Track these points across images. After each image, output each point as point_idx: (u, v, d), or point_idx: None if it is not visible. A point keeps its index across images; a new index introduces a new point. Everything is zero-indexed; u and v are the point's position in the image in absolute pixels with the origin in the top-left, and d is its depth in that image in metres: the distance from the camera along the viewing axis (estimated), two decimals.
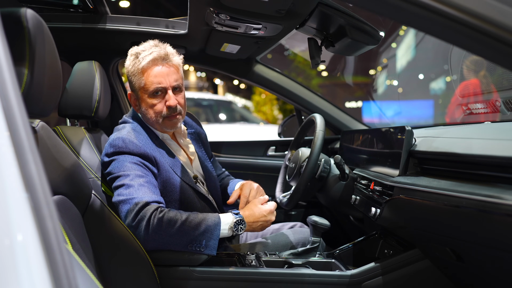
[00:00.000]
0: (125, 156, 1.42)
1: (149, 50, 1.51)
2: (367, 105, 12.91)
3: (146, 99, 1.52)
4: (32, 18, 0.75)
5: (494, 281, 1.21)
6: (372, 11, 0.85)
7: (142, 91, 1.52)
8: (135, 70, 1.51)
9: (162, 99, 1.51)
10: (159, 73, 1.49)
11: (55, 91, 0.83)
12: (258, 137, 3.96)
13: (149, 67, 1.49)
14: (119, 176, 1.38)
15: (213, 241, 1.33)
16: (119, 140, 1.44)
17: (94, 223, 1.04)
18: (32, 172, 0.44)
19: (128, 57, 1.56)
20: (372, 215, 1.41)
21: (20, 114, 0.46)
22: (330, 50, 1.80)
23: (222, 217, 1.38)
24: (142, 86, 1.51)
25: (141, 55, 1.50)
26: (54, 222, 0.43)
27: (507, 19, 0.71)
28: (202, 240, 1.32)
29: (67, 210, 0.89)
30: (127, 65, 1.55)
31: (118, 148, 1.43)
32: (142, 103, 1.54)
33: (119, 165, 1.40)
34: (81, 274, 0.69)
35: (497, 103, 1.80)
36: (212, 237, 1.33)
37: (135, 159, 1.42)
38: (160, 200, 1.36)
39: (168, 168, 1.51)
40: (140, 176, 1.38)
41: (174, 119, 1.54)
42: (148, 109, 1.53)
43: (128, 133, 1.49)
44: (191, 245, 1.32)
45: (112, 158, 1.43)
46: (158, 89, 1.50)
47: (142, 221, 1.27)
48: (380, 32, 1.65)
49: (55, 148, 0.85)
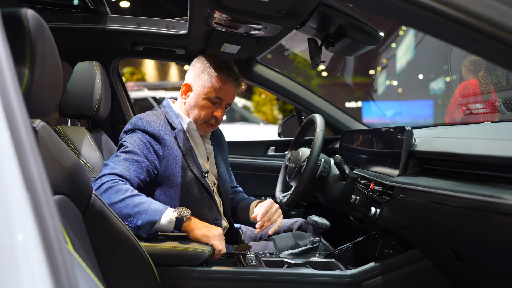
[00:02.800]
0: (137, 132, 1.55)
1: (229, 65, 1.65)
2: (367, 105, 12.92)
3: (201, 98, 1.63)
4: (33, 18, 0.75)
5: (494, 281, 1.21)
6: (372, 11, 0.85)
7: (203, 90, 1.63)
8: (210, 70, 1.62)
9: (213, 108, 1.64)
10: (227, 89, 1.64)
11: (55, 91, 0.83)
12: (258, 137, 3.96)
13: (223, 79, 1.62)
14: (121, 145, 1.53)
15: (149, 225, 1.33)
16: (137, 118, 1.59)
17: (94, 223, 1.04)
18: (32, 172, 0.44)
19: (206, 54, 1.67)
20: (372, 215, 1.41)
21: (20, 114, 0.47)
22: (330, 50, 1.81)
23: (168, 210, 1.38)
24: (206, 87, 1.62)
25: (223, 64, 1.63)
26: (54, 221, 0.43)
27: (507, 19, 0.71)
28: (139, 219, 1.33)
29: (68, 210, 0.89)
30: (202, 60, 1.66)
31: (133, 125, 1.57)
32: (195, 97, 1.64)
33: (128, 137, 1.54)
34: (82, 273, 0.69)
35: (496, 103, 1.80)
36: (149, 221, 1.33)
37: (144, 136, 1.54)
38: (131, 176, 1.42)
39: (178, 154, 1.58)
40: (134, 152, 1.48)
41: (210, 128, 1.68)
42: (197, 106, 1.64)
43: (147, 114, 1.62)
44: (128, 219, 1.33)
45: (128, 134, 1.57)
46: (216, 100, 1.63)
47: (98, 183, 1.36)
48: (380, 32, 1.65)
49: (55, 148, 0.86)
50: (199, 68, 1.65)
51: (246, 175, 2.47)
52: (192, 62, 1.71)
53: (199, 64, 1.66)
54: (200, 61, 1.67)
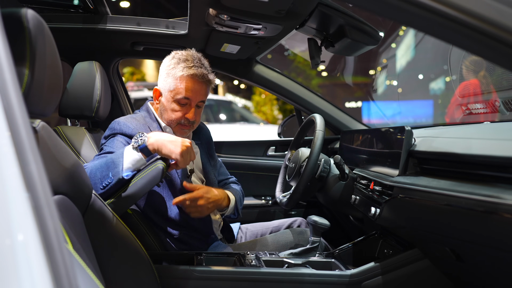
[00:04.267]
0: (116, 136, 1.52)
1: (191, 62, 1.57)
2: (367, 105, 12.92)
3: (170, 101, 1.59)
4: (33, 18, 0.75)
5: (494, 281, 1.21)
6: (372, 12, 0.85)
7: (170, 93, 1.58)
8: (172, 72, 1.57)
9: (183, 109, 1.59)
10: (192, 88, 1.57)
11: (55, 91, 0.83)
12: (258, 137, 3.96)
13: (185, 78, 1.56)
14: (100, 149, 1.52)
15: (118, 169, 1.31)
16: (114, 123, 1.56)
17: (94, 222, 1.04)
18: (32, 172, 0.44)
19: (171, 56, 1.61)
20: (372, 215, 1.41)
21: (20, 114, 0.47)
22: (330, 50, 1.81)
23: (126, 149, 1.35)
24: (172, 89, 1.57)
25: (183, 63, 1.56)
26: (54, 221, 0.43)
27: (507, 19, 0.71)
28: (109, 172, 1.31)
29: (68, 210, 0.89)
30: (166, 63, 1.61)
31: (112, 130, 1.54)
32: (164, 101, 1.61)
33: (107, 142, 1.51)
34: (82, 273, 0.69)
35: (496, 103, 1.80)
36: (117, 166, 1.31)
37: (124, 139, 1.52)
38: None
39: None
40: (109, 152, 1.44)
41: (185, 129, 1.63)
42: (168, 109, 1.60)
43: (125, 118, 1.59)
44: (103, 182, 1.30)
45: (107, 140, 1.53)
46: (185, 101, 1.57)
47: None
48: (379, 32, 1.65)
49: (55, 148, 0.86)
50: (164, 71, 1.60)
51: (246, 175, 2.47)
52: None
53: (164, 67, 1.60)
54: (165, 63, 1.61)
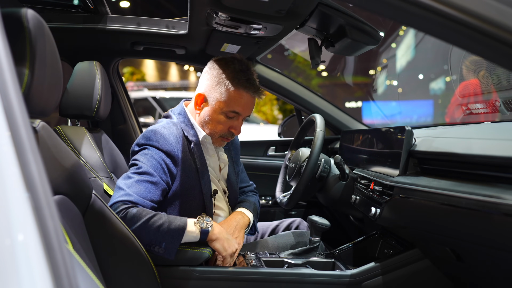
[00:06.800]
0: (151, 149, 1.44)
1: (249, 73, 1.48)
2: (367, 105, 12.92)
3: (218, 112, 1.49)
4: (33, 18, 0.75)
5: (494, 281, 1.21)
6: (372, 11, 0.85)
7: (219, 104, 1.48)
8: (226, 82, 1.47)
9: (229, 122, 1.51)
10: (246, 103, 1.49)
11: (55, 91, 0.83)
12: (258, 137, 3.96)
13: (241, 92, 1.47)
14: (134, 164, 1.42)
15: (174, 244, 1.30)
16: (151, 132, 1.46)
17: (94, 223, 1.04)
18: (32, 172, 0.44)
19: (223, 61, 1.51)
20: (372, 215, 1.41)
21: (21, 114, 0.46)
22: (330, 50, 1.81)
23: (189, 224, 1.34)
24: (222, 100, 1.47)
25: (242, 75, 1.46)
26: (54, 221, 0.43)
27: (507, 19, 0.71)
28: (162, 242, 1.29)
29: (68, 210, 0.89)
30: (218, 68, 1.49)
31: (148, 140, 1.45)
32: (210, 111, 1.51)
33: (142, 155, 1.43)
34: (82, 273, 0.69)
35: (496, 103, 1.80)
36: (173, 241, 1.30)
37: (158, 154, 1.42)
38: (145, 202, 1.33)
39: (191, 173, 1.49)
40: (148, 173, 1.38)
41: (226, 141, 1.57)
42: (212, 120, 1.51)
43: (163, 127, 1.49)
44: (151, 246, 1.29)
45: (140, 148, 1.46)
46: (233, 114, 1.49)
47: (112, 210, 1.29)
48: (380, 32, 1.65)
49: (55, 148, 0.86)
50: (215, 78, 1.49)
51: None
52: (206, 67, 1.55)
53: (215, 73, 1.49)
54: (216, 69, 1.50)
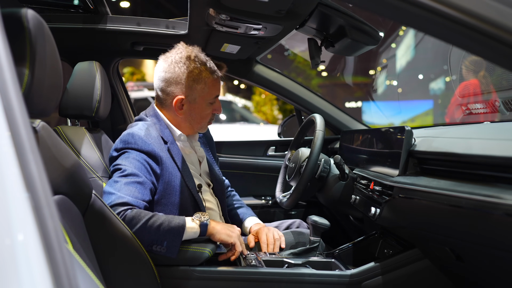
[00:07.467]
0: (131, 152, 1.45)
1: (210, 61, 1.56)
2: (367, 105, 12.93)
3: (204, 107, 1.58)
4: (33, 18, 0.75)
5: (494, 281, 1.21)
6: (372, 12, 0.85)
7: (202, 99, 1.57)
8: (200, 79, 1.54)
9: (212, 106, 1.61)
10: (219, 85, 1.60)
11: (55, 91, 0.83)
12: (258, 137, 3.96)
13: (216, 79, 1.58)
14: (118, 169, 1.41)
15: (176, 242, 1.31)
16: (129, 135, 1.47)
17: (94, 222, 1.04)
18: (32, 172, 0.44)
19: (187, 61, 1.53)
20: (372, 215, 1.41)
21: (21, 114, 0.47)
22: (330, 50, 1.81)
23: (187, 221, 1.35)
24: (206, 92, 1.56)
25: (209, 65, 1.55)
26: (54, 221, 0.43)
27: (507, 19, 0.71)
28: (164, 241, 1.30)
29: (68, 210, 0.89)
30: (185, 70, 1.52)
31: (126, 144, 1.46)
32: (197, 108, 1.58)
33: (123, 159, 1.43)
34: (82, 273, 0.69)
35: (496, 103, 1.80)
36: (175, 239, 1.31)
37: (140, 156, 1.44)
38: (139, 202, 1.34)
39: (174, 171, 1.51)
40: (134, 174, 1.38)
41: (211, 123, 1.66)
42: (200, 114, 1.59)
43: (139, 129, 1.51)
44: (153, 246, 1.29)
45: (120, 153, 1.46)
46: (215, 99, 1.60)
47: None
48: (379, 32, 1.65)
49: (55, 148, 0.86)
50: (190, 79, 1.52)
51: (246, 175, 2.47)
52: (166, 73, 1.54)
53: (186, 75, 1.52)
54: (183, 71, 1.52)
